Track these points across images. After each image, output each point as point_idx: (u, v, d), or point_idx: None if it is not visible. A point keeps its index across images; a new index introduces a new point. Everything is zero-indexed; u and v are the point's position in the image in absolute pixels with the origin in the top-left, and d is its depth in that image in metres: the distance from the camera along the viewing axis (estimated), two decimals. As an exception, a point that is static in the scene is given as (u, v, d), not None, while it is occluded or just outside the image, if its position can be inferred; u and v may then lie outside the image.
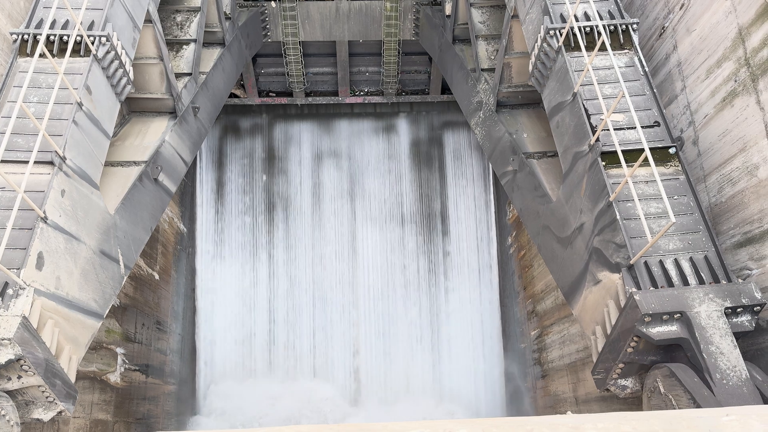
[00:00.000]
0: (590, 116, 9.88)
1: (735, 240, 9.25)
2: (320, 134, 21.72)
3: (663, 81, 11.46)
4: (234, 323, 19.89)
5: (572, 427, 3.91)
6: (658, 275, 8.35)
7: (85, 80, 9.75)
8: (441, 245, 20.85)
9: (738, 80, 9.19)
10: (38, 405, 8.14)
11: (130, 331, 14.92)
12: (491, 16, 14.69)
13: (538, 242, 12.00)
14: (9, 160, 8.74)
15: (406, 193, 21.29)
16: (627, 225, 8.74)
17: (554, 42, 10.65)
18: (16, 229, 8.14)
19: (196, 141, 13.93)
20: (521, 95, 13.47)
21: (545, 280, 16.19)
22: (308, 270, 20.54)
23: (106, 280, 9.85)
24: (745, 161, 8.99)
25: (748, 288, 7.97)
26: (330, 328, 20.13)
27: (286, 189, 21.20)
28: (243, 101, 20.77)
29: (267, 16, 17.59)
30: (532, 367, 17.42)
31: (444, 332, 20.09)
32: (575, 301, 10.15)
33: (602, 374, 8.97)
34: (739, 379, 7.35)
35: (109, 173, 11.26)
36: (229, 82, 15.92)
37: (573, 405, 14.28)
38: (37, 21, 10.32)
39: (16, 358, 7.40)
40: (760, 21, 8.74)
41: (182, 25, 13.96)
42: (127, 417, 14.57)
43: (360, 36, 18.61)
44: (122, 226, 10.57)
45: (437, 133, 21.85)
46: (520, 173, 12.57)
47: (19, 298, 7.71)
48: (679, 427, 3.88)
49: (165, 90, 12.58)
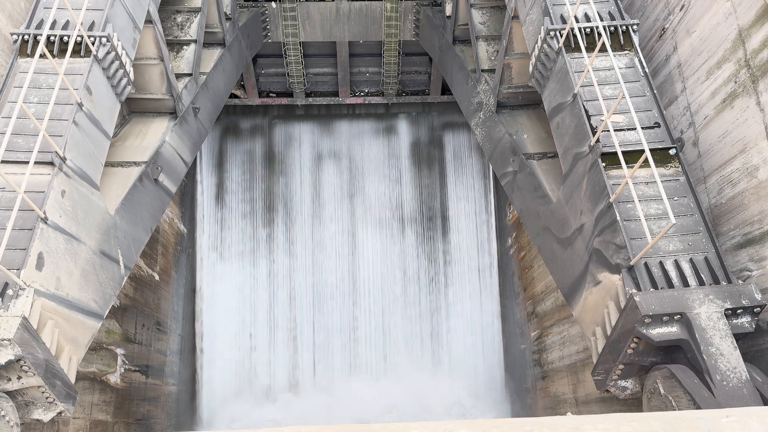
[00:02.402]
0: (590, 117, 9.89)
1: (735, 241, 9.24)
2: (320, 135, 21.72)
3: (663, 82, 11.46)
4: (234, 324, 19.89)
5: (572, 428, 3.91)
6: (658, 276, 8.35)
7: (85, 81, 9.75)
8: (441, 246, 20.85)
9: (738, 82, 9.19)
10: (38, 405, 8.14)
11: (130, 331, 14.92)
12: (491, 16, 14.70)
13: (538, 243, 11.99)
14: (9, 161, 8.75)
15: (406, 194, 21.28)
16: (627, 226, 8.74)
17: (554, 43, 10.66)
18: (17, 229, 8.14)
19: (197, 141, 13.93)
20: (521, 96, 13.47)
21: (545, 281, 16.19)
22: (308, 270, 20.54)
23: (106, 280, 9.84)
24: (745, 162, 8.99)
25: (748, 289, 7.96)
26: (330, 327, 20.14)
27: (286, 190, 21.20)
28: (243, 102, 20.78)
29: (267, 17, 17.60)
30: (532, 368, 17.41)
31: (444, 332, 20.10)
32: (575, 302, 10.14)
33: (602, 375, 8.97)
34: (739, 381, 7.35)
35: (110, 174, 11.26)
36: (229, 83, 15.92)
37: (573, 406, 14.28)
38: (38, 21, 10.32)
39: (16, 359, 7.40)
40: (760, 22, 8.75)
41: (182, 25, 13.97)
42: (127, 417, 14.57)
43: (360, 36, 18.61)
44: (122, 227, 10.57)
45: (437, 133, 21.84)
46: (520, 174, 12.57)
47: (19, 299, 7.71)
48: (679, 428, 3.88)
49: (165, 90, 12.58)
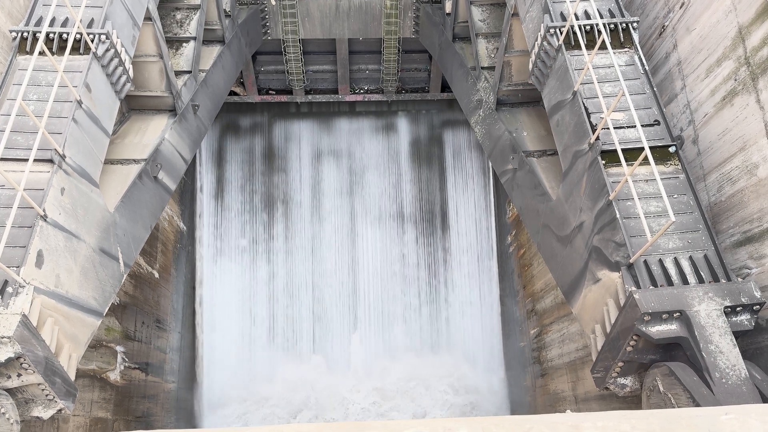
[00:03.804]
0: (590, 115, 9.88)
1: (735, 239, 9.25)
2: (320, 132, 21.71)
3: (663, 80, 11.45)
4: (233, 321, 19.89)
5: (571, 426, 3.91)
6: (657, 274, 8.35)
7: (84, 78, 9.74)
8: (441, 244, 20.85)
9: (738, 79, 9.19)
10: (38, 403, 8.14)
11: (130, 329, 14.93)
12: (491, 14, 14.68)
13: (537, 241, 12.00)
14: (8, 158, 8.74)
15: (406, 192, 21.28)
16: (627, 224, 8.75)
17: (554, 40, 10.64)
18: (16, 227, 8.13)
19: (196, 139, 13.92)
20: (521, 93, 13.46)
21: (545, 278, 16.19)
22: (308, 268, 20.55)
23: (105, 278, 9.85)
24: (744, 160, 8.99)
25: (748, 287, 7.97)
26: (329, 326, 20.15)
27: (286, 187, 21.19)
28: (243, 99, 20.75)
29: (267, 14, 17.57)
30: (531, 366, 17.43)
31: (443, 331, 20.12)
32: (575, 299, 10.15)
33: (601, 373, 8.98)
34: (739, 378, 7.36)
35: (109, 171, 11.25)
36: (228, 80, 15.90)
37: (572, 403, 14.30)
38: (37, 19, 10.30)
39: (15, 356, 7.40)
40: (760, 20, 8.74)
41: (182, 22, 13.95)
42: (127, 415, 14.58)
43: (360, 34, 18.58)
44: (122, 224, 10.56)
45: (437, 131, 21.83)
46: (519, 172, 12.56)
47: (18, 297, 7.71)
48: (678, 425, 3.88)
49: (165, 88, 12.56)
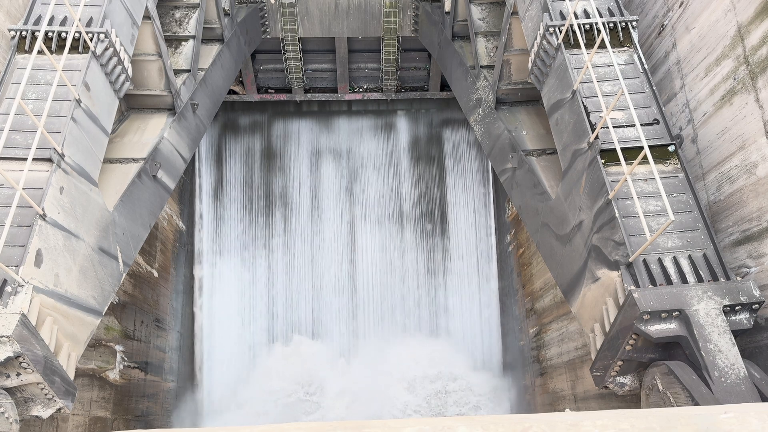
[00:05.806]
0: (589, 114, 9.88)
1: (734, 238, 9.25)
2: (319, 131, 21.70)
3: (662, 79, 11.45)
4: (233, 320, 19.88)
5: (571, 425, 3.91)
6: (656, 273, 8.35)
7: (83, 77, 9.73)
8: (440, 243, 20.85)
9: (737, 78, 9.19)
10: (37, 402, 8.14)
11: (129, 328, 14.93)
12: (491, 12, 14.67)
13: (537, 240, 12.00)
14: (7, 157, 8.74)
15: (405, 191, 21.27)
16: (626, 223, 8.75)
17: (554, 39, 10.64)
18: (15, 226, 8.12)
19: (195, 138, 13.91)
20: (520, 92, 13.45)
21: (544, 277, 16.20)
22: (307, 266, 20.54)
23: (104, 277, 9.84)
24: (743, 159, 8.99)
25: (747, 286, 7.97)
26: (329, 325, 20.15)
27: (285, 186, 21.18)
28: (242, 98, 20.74)
29: (266, 13, 17.55)
30: (530, 365, 17.44)
31: (443, 329, 20.12)
32: (574, 298, 10.15)
33: (601, 372, 8.98)
34: (738, 377, 7.37)
35: (108, 170, 11.25)
36: (227, 79, 15.89)
37: (571, 402, 14.31)
38: (35, 17, 10.29)
39: (15, 356, 7.40)
40: (759, 19, 8.73)
41: (181, 21, 13.93)
42: (126, 414, 14.58)
43: (359, 32, 18.57)
44: (121, 223, 10.56)
45: (436, 130, 21.82)
46: (519, 171, 12.56)
47: (17, 296, 7.71)
48: (677, 424, 3.88)
49: (164, 87, 12.55)
